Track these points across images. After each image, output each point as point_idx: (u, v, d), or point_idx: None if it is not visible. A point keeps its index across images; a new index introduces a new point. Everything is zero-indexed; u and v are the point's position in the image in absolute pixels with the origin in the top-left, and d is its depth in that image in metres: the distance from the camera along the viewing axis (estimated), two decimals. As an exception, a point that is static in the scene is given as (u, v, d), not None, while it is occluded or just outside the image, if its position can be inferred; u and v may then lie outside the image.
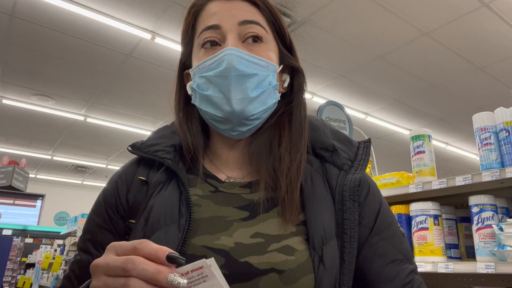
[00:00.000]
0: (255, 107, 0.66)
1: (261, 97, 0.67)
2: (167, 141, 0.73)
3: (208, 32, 0.68)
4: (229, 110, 0.65)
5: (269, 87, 0.68)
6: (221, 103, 0.65)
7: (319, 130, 0.75)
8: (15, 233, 9.14)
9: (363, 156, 0.72)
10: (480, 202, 1.47)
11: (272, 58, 0.69)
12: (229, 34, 0.67)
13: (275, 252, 0.60)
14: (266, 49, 0.69)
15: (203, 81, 0.67)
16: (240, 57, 0.65)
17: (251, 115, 0.67)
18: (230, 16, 0.68)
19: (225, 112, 0.66)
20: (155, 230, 0.62)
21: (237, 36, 0.67)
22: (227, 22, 0.67)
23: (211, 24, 0.68)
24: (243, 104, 0.65)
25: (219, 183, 0.70)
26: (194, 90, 0.70)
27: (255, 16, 0.69)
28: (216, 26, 0.68)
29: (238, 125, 0.68)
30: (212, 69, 0.66)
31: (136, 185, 0.70)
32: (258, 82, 0.66)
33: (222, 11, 0.69)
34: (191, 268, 0.44)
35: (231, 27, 0.67)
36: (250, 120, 0.67)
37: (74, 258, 0.71)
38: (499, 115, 1.49)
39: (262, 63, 0.67)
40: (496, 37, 4.00)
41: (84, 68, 4.70)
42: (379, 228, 0.68)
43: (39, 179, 9.92)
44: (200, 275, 0.44)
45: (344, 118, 2.53)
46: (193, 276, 0.45)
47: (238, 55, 0.65)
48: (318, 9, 3.63)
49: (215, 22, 0.68)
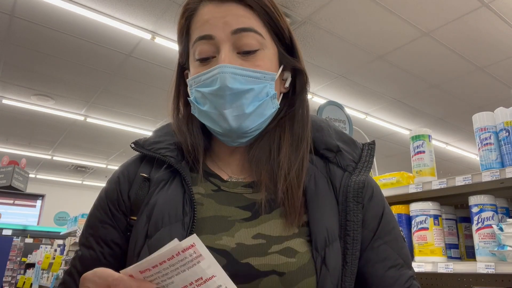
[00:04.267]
0: (252, 122, 0.66)
1: (258, 110, 0.66)
2: (171, 139, 0.73)
3: (201, 43, 0.67)
4: (227, 127, 0.65)
5: (266, 98, 0.67)
6: (218, 120, 0.66)
7: (323, 130, 0.74)
8: (15, 233, 9.14)
9: (367, 158, 0.71)
10: (480, 202, 1.46)
11: (269, 66, 0.68)
12: (222, 45, 0.65)
13: (276, 254, 0.60)
14: (263, 57, 0.67)
15: (200, 96, 0.67)
16: (233, 74, 0.64)
17: (249, 130, 0.67)
18: (223, 24, 0.65)
19: (223, 128, 0.66)
20: (158, 228, 0.62)
21: (231, 47, 0.66)
22: (220, 32, 0.65)
23: (204, 34, 0.66)
24: (239, 121, 0.65)
25: (222, 182, 0.69)
26: (192, 102, 0.69)
27: (250, 22, 0.66)
28: (209, 36, 0.66)
29: (237, 138, 0.68)
30: (207, 85, 0.65)
31: (138, 182, 0.69)
32: (255, 96, 0.65)
33: (214, 18, 0.66)
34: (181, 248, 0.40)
35: (225, 37, 0.65)
36: (249, 133, 0.68)
37: (76, 254, 0.70)
38: (499, 115, 1.49)
39: (258, 75, 0.66)
40: (496, 37, 4.00)
41: (84, 68, 4.70)
42: (382, 232, 0.68)
43: (39, 179, 9.91)
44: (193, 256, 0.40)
45: (344, 118, 2.53)
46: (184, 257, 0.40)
47: (232, 72, 0.63)
48: (318, 9, 3.63)
49: (208, 32, 0.66)
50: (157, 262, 0.41)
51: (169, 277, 0.42)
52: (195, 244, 0.40)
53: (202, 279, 0.41)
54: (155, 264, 0.41)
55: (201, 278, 0.41)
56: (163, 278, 0.42)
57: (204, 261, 0.41)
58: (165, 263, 0.41)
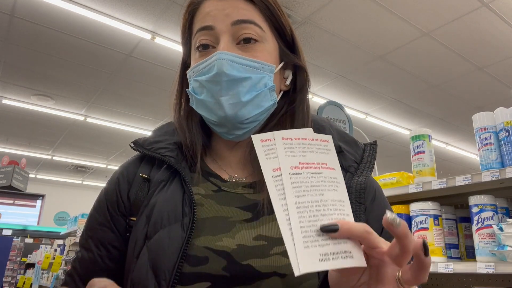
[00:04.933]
0: (248, 111, 0.66)
1: (255, 100, 0.66)
2: (170, 139, 0.72)
3: (201, 34, 0.67)
4: (222, 115, 0.65)
5: (264, 89, 0.67)
6: (214, 108, 0.65)
7: (325, 130, 0.74)
8: (15, 233, 9.14)
9: (369, 159, 0.71)
10: (480, 202, 1.46)
11: (268, 58, 0.68)
12: (222, 35, 0.66)
13: (278, 255, 0.59)
14: (262, 49, 0.67)
15: (197, 85, 0.67)
16: (231, 61, 0.64)
17: (245, 119, 0.66)
18: (224, 15, 0.66)
19: (219, 116, 0.65)
20: (158, 229, 0.61)
21: (230, 38, 0.66)
22: (220, 23, 0.66)
23: (204, 25, 0.67)
24: (235, 109, 0.65)
25: (222, 182, 0.69)
26: (190, 93, 0.69)
27: (250, 14, 0.67)
28: (209, 27, 0.66)
29: (233, 129, 0.67)
30: (204, 73, 0.65)
31: (137, 183, 0.69)
32: (252, 85, 0.65)
33: (216, 10, 0.67)
34: (320, 138, 0.49)
35: (225, 28, 0.66)
36: (245, 124, 0.67)
37: (76, 255, 0.70)
38: (499, 115, 1.49)
39: (256, 65, 0.66)
40: (496, 37, 4.00)
41: (84, 68, 4.70)
42: (387, 234, 0.67)
43: (39, 179, 9.91)
44: (325, 147, 0.48)
45: (344, 118, 2.53)
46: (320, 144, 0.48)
47: (229, 59, 0.64)
48: (318, 9, 3.63)
49: (208, 23, 0.67)
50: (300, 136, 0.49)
51: (304, 151, 0.48)
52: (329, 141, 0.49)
53: (327, 165, 0.48)
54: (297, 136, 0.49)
55: (326, 164, 0.48)
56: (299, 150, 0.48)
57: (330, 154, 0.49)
58: (305, 140, 0.49)
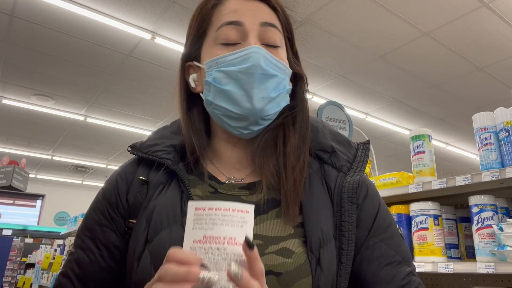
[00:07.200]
0: (272, 107, 0.67)
1: (278, 98, 0.67)
2: (167, 141, 0.73)
3: (228, 28, 0.68)
4: (249, 107, 0.65)
5: (284, 90, 0.69)
6: (241, 100, 0.65)
7: (318, 132, 0.75)
8: (15, 233, 9.13)
9: (362, 158, 0.72)
10: (480, 202, 1.46)
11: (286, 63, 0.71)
12: (250, 32, 0.67)
13: (273, 254, 0.60)
14: (283, 54, 0.71)
15: (222, 76, 0.66)
16: (265, 57, 0.65)
17: (267, 115, 0.67)
18: (252, 15, 0.68)
19: (244, 109, 0.65)
20: (158, 232, 0.62)
21: (258, 36, 0.68)
22: (249, 21, 0.68)
23: (233, 20, 0.68)
24: (263, 102, 0.65)
25: (219, 184, 0.69)
26: (209, 83, 0.68)
27: (274, 20, 0.71)
28: (238, 22, 0.68)
29: (253, 124, 0.67)
30: (235, 64, 0.65)
31: (136, 185, 0.69)
32: (277, 84, 0.67)
33: (244, 9, 0.69)
34: (238, 208, 0.46)
35: (253, 26, 0.68)
36: (265, 119, 0.68)
37: (72, 256, 0.69)
38: (499, 115, 1.49)
39: (282, 66, 0.68)
40: (496, 37, 4.00)
41: (84, 68, 4.70)
42: (377, 230, 0.68)
43: (39, 179, 9.91)
44: (242, 219, 0.46)
45: (344, 118, 2.53)
46: (235, 216, 0.46)
47: (264, 55, 0.65)
48: (318, 9, 3.63)
49: (237, 19, 0.68)
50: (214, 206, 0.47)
51: (213, 223, 0.46)
52: (249, 211, 0.47)
53: (235, 240, 0.46)
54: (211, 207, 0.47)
55: (234, 239, 0.46)
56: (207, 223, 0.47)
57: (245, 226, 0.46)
58: (219, 211, 0.46)
